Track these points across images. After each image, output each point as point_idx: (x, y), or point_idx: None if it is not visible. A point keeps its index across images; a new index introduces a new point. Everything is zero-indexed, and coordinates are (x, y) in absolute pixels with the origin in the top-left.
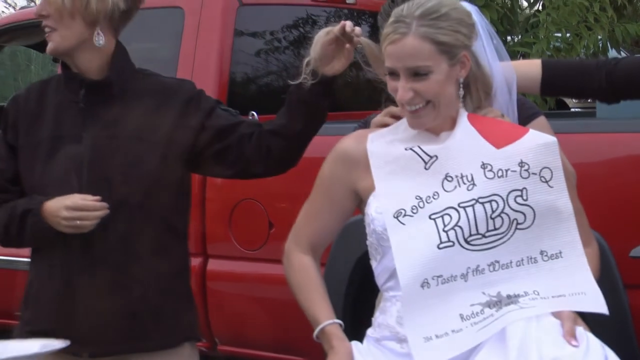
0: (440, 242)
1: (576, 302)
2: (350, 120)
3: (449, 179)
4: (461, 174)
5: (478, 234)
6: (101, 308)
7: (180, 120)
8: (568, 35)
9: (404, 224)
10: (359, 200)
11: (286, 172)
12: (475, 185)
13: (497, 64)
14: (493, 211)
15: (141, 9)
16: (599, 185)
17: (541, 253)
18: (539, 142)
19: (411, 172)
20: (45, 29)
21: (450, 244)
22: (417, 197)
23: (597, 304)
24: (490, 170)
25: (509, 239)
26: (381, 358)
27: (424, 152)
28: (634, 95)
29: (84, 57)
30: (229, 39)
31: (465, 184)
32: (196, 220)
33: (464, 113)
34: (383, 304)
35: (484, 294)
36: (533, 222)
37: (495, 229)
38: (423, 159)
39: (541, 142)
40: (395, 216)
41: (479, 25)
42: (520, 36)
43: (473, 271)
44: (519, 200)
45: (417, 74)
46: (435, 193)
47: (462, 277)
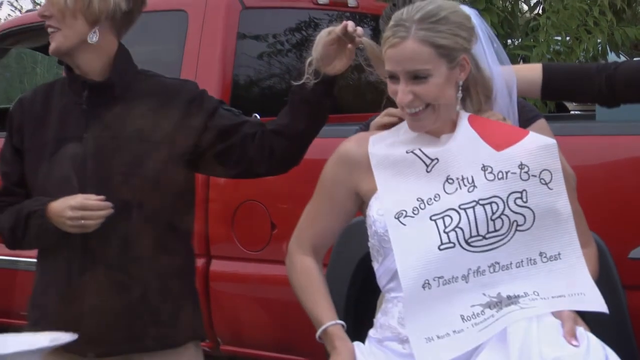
0: (441, 244)
1: (576, 302)
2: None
3: (450, 181)
4: (462, 176)
5: (478, 235)
6: (104, 308)
7: (183, 120)
8: (568, 38)
9: (404, 224)
10: (360, 202)
11: (289, 173)
12: (476, 187)
13: (498, 67)
14: (493, 213)
15: (145, 12)
16: (599, 187)
17: (540, 254)
18: (538, 145)
19: (412, 175)
20: (48, 30)
21: (451, 245)
22: (419, 199)
23: (597, 303)
24: (490, 172)
25: (509, 240)
26: (383, 358)
27: (425, 155)
28: (634, 99)
29: (85, 58)
30: (232, 42)
31: (465, 185)
32: (199, 222)
33: (464, 115)
34: (385, 305)
35: (484, 294)
36: (532, 224)
37: (496, 231)
38: (424, 162)
39: (541, 145)
40: (396, 217)
41: (479, 28)
42: (520, 39)
43: (474, 272)
44: (519, 202)
45: (417, 77)
46: (436, 195)
47: (463, 278)
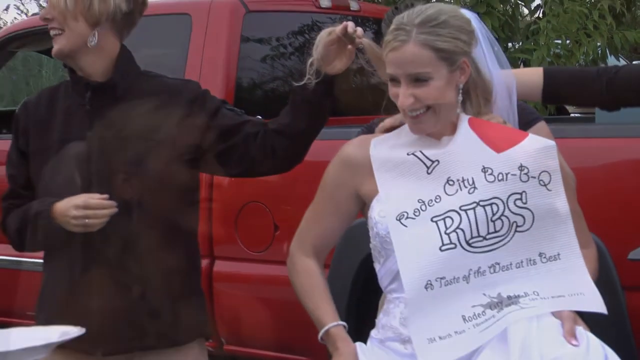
0: (443, 245)
1: (575, 302)
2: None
3: (451, 182)
4: (462, 178)
5: (479, 236)
6: (108, 307)
7: (185, 119)
8: (568, 42)
9: (406, 226)
10: (362, 204)
11: (291, 175)
12: (476, 188)
13: (497, 70)
14: (493, 214)
15: (149, 15)
16: (598, 189)
17: (540, 255)
18: (538, 146)
19: (414, 177)
20: (50, 32)
21: (452, 246)
22: (420, 201)
23: (596, 303)
24: (490, 174)
25: (509, 241)
26: (385, 359)
27: (426, 157)
28: (634, 103)
29: (87, 60)
30: (235, 45)
31: (466, 187)
32: (203, 223)
33: (464, 118)
34: (386, 306)
35: (485, 295)
36: (532, 225)
37: (496, 232)
38: (425, 164)
39: (540, 146)
40: (397, 218)
41: (479, 32)
42: (520, 43)
43: (474, 273)
44: (519, 203)
45: (418, 80)
46: (437, 196)
47: (464, 279)
